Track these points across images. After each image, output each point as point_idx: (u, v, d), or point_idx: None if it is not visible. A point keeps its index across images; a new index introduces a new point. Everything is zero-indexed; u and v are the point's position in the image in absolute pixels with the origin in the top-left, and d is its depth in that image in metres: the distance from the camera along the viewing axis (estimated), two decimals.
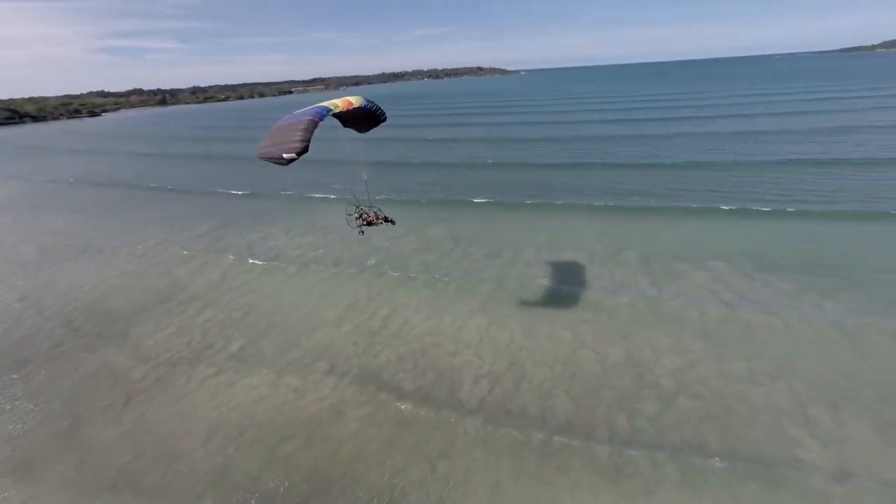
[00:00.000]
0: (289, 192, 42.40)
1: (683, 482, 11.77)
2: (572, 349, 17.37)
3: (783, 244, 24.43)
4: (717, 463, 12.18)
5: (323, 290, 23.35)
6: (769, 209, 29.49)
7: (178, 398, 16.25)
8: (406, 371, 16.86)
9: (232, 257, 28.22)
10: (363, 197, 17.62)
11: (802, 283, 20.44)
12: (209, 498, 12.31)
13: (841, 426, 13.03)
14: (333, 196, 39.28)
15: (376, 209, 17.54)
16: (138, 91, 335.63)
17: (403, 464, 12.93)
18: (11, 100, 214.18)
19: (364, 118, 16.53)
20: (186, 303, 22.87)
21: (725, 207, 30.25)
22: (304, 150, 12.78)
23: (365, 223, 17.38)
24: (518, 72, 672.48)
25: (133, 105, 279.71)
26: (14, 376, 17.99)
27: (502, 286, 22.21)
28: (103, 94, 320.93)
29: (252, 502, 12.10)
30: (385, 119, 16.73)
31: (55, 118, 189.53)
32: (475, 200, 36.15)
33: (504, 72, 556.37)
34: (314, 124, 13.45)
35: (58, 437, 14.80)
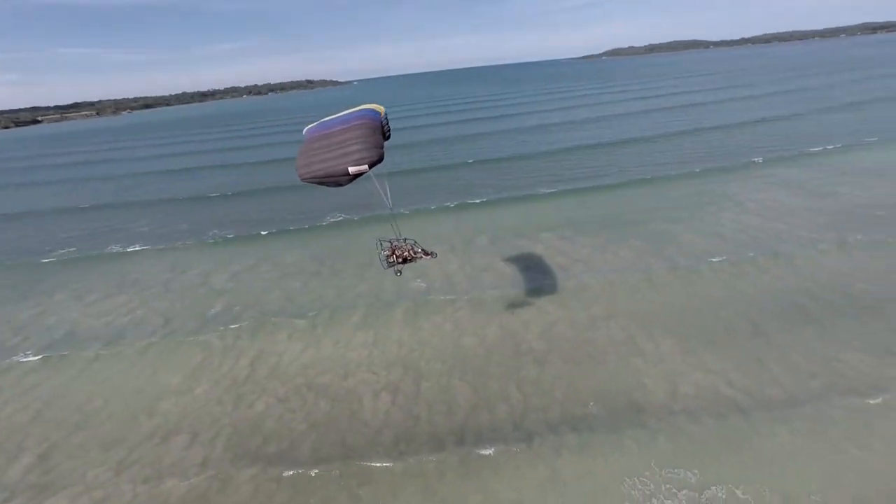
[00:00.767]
0: (69, 250, 33.15)
1: (575, 430, 13.95)
2: (455, 337, 18.80)
3: (587, 212, 31.27)
4: (592, 408, 14.69)
5: (155, 358, 19.51)
6: (572, 187, 36.86)
7: None
8: (294, 411, 15.53)
9: None
10: (386, 216, 14.79)
11: (606, 238, 26.74)
12: None
13: (657, 347, 17.21)
14: (139, 246, 32.43)
15: (412, 241, 14.76)
16: None
17: None
18: None
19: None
20: None
21: (544, 191, 36.53)
22: (380, 159, 10.69)
23: (400, 261, 14.53)
24: (350, 82, 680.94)
25: None
26: None
27: (379, 297, 22.45)
28: None
29: None
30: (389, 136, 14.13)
31: None
32: (328, 220, 34.47)
33: (336, 83, 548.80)
34: (376, 127, 11.38)
35: None
